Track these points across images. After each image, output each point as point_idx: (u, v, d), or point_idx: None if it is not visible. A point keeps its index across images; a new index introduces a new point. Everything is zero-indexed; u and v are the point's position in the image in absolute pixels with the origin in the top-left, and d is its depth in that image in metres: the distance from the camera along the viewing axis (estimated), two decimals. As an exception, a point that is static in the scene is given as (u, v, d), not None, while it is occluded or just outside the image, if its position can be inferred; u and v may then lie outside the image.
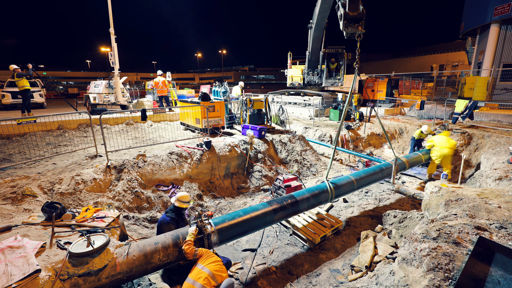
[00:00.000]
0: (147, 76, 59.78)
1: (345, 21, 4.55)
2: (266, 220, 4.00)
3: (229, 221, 3.64)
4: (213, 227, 3.42)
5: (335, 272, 4.01)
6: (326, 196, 4.81)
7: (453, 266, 2.31)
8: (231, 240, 3.71)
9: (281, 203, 4.22)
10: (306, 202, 4.51)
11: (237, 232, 3.66)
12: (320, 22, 12.52)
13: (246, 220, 3.76)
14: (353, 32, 4.66)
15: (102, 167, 5.57)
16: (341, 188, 5.08)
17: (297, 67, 15.51)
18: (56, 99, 27.48)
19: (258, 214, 3.91)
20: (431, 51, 43.54)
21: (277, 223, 4.66)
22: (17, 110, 13.28)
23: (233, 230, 3.60)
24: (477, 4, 15.85)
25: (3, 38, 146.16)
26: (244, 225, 3.71)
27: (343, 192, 5.19)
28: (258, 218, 3.90)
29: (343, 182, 5.18)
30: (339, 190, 5.03)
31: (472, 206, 3.51)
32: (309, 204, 4.58)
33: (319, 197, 4.70)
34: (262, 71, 78.51)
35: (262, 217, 3.93)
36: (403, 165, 6.56)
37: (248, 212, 3.88)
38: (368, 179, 5.68)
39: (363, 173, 5.70)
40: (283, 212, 4.18)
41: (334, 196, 4.96)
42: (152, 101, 13.80)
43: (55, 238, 3.06)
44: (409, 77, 21.65)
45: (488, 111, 11.05)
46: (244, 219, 3.74)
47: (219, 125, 8.74)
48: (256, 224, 3.90)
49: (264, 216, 3.95)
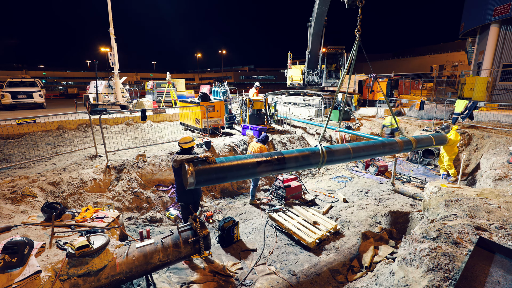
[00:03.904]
0: (146, 76, 59.81)
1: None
2: (248, 171, 3.77)
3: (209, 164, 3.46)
4: (192, 168, 3.26)
5: (335, 272, 4.01)
6: (317, 159, 4.36)
7: (453, 266, 2.31)
8: (209, 183, 3.58)
9: (266, 157, 3.95)
10: (294, 161, 4.16)
11: (216, 176, 3.50)
12: (320, 17, 12.52)
13: (227, 166, 3.57)
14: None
15: (102, 167, 5.57)
16: (334, 153, 4.56)
17: (297, 67, 15.51)
18: (56, 99, 27.49)
19: (240, 163, 3.70)
20: (431, 51, 43.62)
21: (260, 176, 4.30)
22: (17, 110, 13.29)
23: (212, 174, 3.43)
24: (477, 4, 15.86)
25: (3, 38, 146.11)
26: (225, 172, 3.54)
27: (336, 158, 4.65)
28: (240, 167, 3.69)
29: (338, 148, 4.70)
30: (332, 155, 4.52)
31: (472, 206, 3.51)
32: (298, 163, 4.22)
33: (309, 158, 4.30)
34: (262, 71, 78.59)
35: (244, 166, 3.71)
36: (409, 143, 5.53)
37: (231, 160, 3.69)
38: (368, 151, 5.04)
39: (362, 144, 5.11)
40: (268, 165, 3.89)
41: (326, 160, 4.48)
42: (152, 101, 13.81)
43: (55, 238, 3.05)
44: (409, 77, 21.68)
45: (488, 111, 11.06)
46: (225, 165, 3.56)
47: (219, 125, 8.74)
48: (237, 174, 3.71)
49: (246, 166, 3.73)
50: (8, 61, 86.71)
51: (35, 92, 13.69)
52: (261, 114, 9.18)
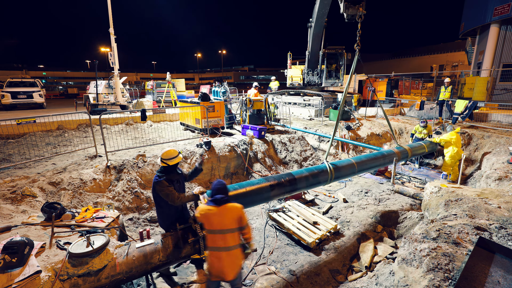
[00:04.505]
0: (146, 76, 59.78)
1: (346, 2, 4.46)
2: (262, 196, 3.83)
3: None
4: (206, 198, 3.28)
5: (335, 272, 4.01)
6: (326, 177, 4.61)
7: (453, 266, 2.31)
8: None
9: (278, 180, 4.03)
10: (304, 181, 4.33)
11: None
12: (320, 20, 12.51)
13: (241, 193, 3.59)
14: (354, 13, 4.56)
15: (102, 167, 5.57)
16: (341, 169, 4.87)
17: (297, 67, 15.50)
18: (56, 99, 27.50)
19: (254, 188, 3.73)
20: (431, 51, 43.60)
21: (274, 199, 4.40)
22: (17, 110, 13.28)
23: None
24: (477, 4, 15.85)
25: (3, 38, 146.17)
26: (239, 199, 3.54)
27: (343, 174, 4.98)
28: (254, 192, 3.71)
29: (344, 164, 4.99)
30: (339, 172, 4.83)
31: (472, 206, 3.51)
32: (308, 183, 4.39)
33: (318, 177, 4.51)
34: (262, 71, 78.59)
35: (258, 192, 3.74)
36: (406, 153, 6.24)
37: (244, 186, 3.72)
38: (370, 164, 5.46)
39: (364, 157, 5.49)
40: (280, 188, 3.99)
41: (334, 177, 4.76)
42: (152, 101, 13.80)
43: (55, 238, 3.05)
44: (409, 77, 21.67)
45: (488, 111, 11.06)
46: (239, 193, 3.57)
47: (219, 125, 8.74)
48: (251, 199, 3.73)
49: (260, 191, 3.77)
50: (8, 61, 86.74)
51: (35, 92, 13.67)
52: (261, 114, 9.18)
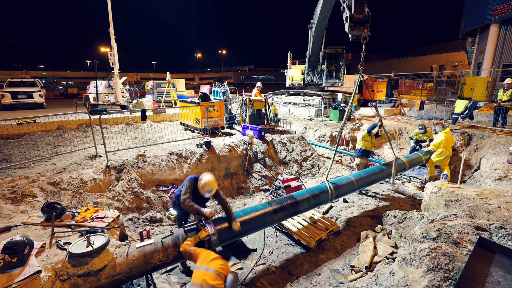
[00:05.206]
0: (146, 76, 59.81)
1: (351, 23, 4.50)
2: (266, 221, 3.99)
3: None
4: (213, 229, 3.42)
5: (335, 273, 4.01)
6: (326, 197, 4.80)
7: (453, 267, 2.31)
8: (231, 240, 3.71)
9: (281, 204, 4.21)
10: (306, 203, 4.50)
11: (237, 233, 3.66)
12: (321, 22, 12.51)
13: (246, 220, 3.75)
14: (359, 34, 4.61)
15: (102, 167, 5.57)
16: (341, 188, 5.07)
17: (297, 67, 15.51)
18: (56, 99, 27.51)
19: (258, 214, 3.91)
20: (431, 51, 43.61)
21: (276, 224, 4.63)
22: (17, 110, 13.28)
23: (232, 231, 3.59)
24: (477, 4, 15.86)
25: (3, 38, 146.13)
26: (244, 226, 3.71)
27: (343, 192, 5.19)
28: (258, 218, 3.89)
29: (343, 183, 5.18)
30: (339, 191, 5.03)
31: (472, 206, 3.51)
32: (309, 204, 4.57)
33: (319, 198, 4.70)
34: (262, 71, 78.63)
35: (262, 217, 3.93)
36: (403, 165, 6.56)
37: (248, 212, 3.87)
38: (369, 179, 5.68)
39: (363, 174, 5.70)
40: (283, 212, 4.19)
41: (334, 196, 4.96)
42: (152, 101, 13.81)
43: (55, 238, 3.05)
44: (409, 77, 21.68)
45: (488, 111, 11.05)
46: (244, 220, 3.74)
47: (219, 125, 8.74)
48: (256, 225, 3.90)
49: (264, 216, 3.95)
50: (8, 61, 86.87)
51: (35, 92, 13.67)
52: (261, 114, 9.19)
